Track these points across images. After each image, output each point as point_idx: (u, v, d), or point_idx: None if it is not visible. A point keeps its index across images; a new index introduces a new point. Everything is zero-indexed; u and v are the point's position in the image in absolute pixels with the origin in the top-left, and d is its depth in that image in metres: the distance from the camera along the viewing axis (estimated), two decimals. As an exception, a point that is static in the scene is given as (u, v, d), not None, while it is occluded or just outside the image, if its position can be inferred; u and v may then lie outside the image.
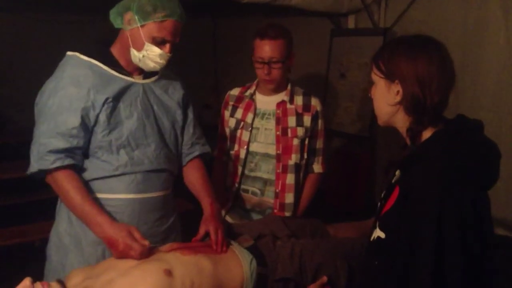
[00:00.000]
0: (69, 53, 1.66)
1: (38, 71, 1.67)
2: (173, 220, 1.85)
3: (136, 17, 1.57)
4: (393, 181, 1.27)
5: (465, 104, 2.63)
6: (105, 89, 1.61)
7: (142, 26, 1.58)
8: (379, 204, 1.30)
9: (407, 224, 1.12)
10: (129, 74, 1.69)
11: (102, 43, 1.72)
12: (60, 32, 4.20)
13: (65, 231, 1.69)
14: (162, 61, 1.65)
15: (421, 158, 1.17)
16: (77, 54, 1.64)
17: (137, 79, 1.71)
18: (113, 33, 1.72)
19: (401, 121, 1.26)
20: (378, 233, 1.23)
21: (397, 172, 1.27)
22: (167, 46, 1.63)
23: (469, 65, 2.71)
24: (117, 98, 1.63)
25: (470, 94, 2.69)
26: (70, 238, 1.68)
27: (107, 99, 1.60)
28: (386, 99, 1.25)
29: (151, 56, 1.62)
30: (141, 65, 1.66)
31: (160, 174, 1.75)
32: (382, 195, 1.29)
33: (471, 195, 1.11)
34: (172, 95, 1.80)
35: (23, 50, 4.22)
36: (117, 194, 1.66)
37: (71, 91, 1.58)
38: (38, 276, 1.73)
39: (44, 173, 1.58)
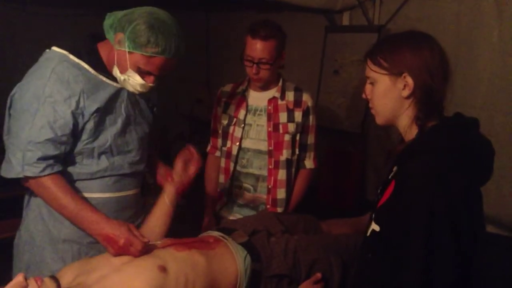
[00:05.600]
0: (56, 49, 1.57)
1: (29, 64, 1.61)
2: (144, 218, 1.84)
3: (127, 43, 1.48)
4: (390, 176, 1.27)
5: (457, 101, 2.64)
6: (95, 95, 1.55)
7: (130, 53, 1.49)
8: (376, 198, 1.30)
9: (400, 216, 1.12)
10: (114, 77, 1.61)
11: (89, 39, 1.64)
12: (51, 25, 4.15)
13: (36, 229, 1.65)
14: (142, 90, 1.58)
15: (415, 152, 1.17)
16: (65, 52, 1.55)
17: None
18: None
19: (405, 115, 1.24)
20: (374, 226, 1.23)
21: (395, 168, 1.27)
22: (151, 78, 1.55)
23: (462, 63, 2.72)
24: (106, 106, 1.59)
25: (462, 91, 2.71)
26: (42, 236, 1.64)
27: (98, 108, 1.55)
28: (391, 95, 1.23)
29: (132, 83, 1.55)
30: (120, 84, 1.60)
31: (135, 175, 1.75)
32: (379, 190, 1.29)
33: (464, 190, 1.11)
34: (147, 100, 1.79)
35: (13, 43, 4.17)
36: (92, 193, 1.64)
37: (61, 94, 1.50)
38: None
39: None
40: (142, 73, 1.53)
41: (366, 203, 3.26)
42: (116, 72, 1.56)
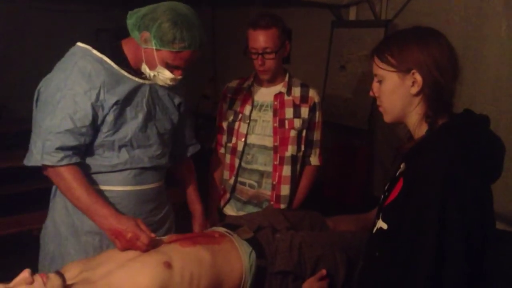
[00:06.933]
0: (80, 44, 1.62)
1: (35, 60, 1.63)
2: (167, 210, 1.89)
3: (153, 41, 1.54)
4: (397, 173, 1.25)
5: (465, 97, 2.62)
6: (115, 89, 1.59)
7: (157, 50, 1.56)
8: (382, 196, 1.29)
9: (410, 213, 1.11)
10: (137, 73, 1.67)
11: (113, 35, 1.69)
12: (57, 21, 4.17)
13: (61, 220, 1.69)
14: (172, 83, 1.66)
15: (426, 150, 1.15)
16: (89, 47, 1.60)
17: (145, 79, 1.69)
18: (110, 24, 1.68)
19: (414, 113, 1.22)
20: (381, 224, 1.22)
21: (402, 165, 1.26)
22: (180, 71, 1.63)
23: (469, 58, 2.71)
24: (126, 99, 1.62)
25: (469, 87, 2.69)
26: (67, 227, 1.68)
27: (117, 101, 1.59)
28: (400, 93, 1.21)
29: (162, 78, 1.63)
30: (151, 80, 1.67)
31: (156, 169, 1.77)
32: (386, 187, 1.28)
33: (475, 187, 1.10)
34: (173, 98, 1.81)
35: (19, 39, 4.19)
36: (113, 186, 1.67)
37: (82, 87, 1.55)
38: (36, 265, 1.73)
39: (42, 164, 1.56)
40: (170, 67, 1.60)
41: (372, 199, 3.25)
42: (145, 69, 1.63)
